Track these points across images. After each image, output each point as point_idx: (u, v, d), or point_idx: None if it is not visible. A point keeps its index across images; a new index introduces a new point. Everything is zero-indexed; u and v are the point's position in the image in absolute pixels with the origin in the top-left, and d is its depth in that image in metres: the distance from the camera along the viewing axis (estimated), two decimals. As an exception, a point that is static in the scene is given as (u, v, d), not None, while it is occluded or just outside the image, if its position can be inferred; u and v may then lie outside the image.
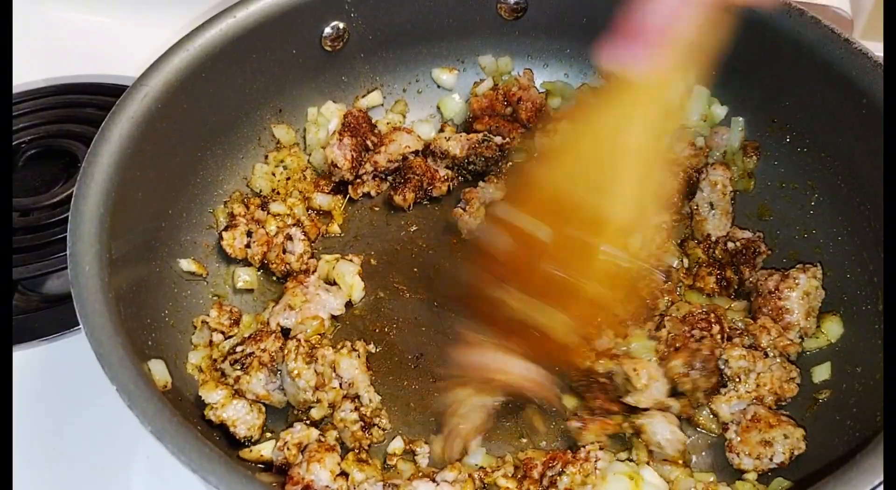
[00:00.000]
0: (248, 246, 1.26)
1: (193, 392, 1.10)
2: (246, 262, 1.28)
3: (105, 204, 1.03)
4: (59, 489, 1.16)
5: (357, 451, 1.08)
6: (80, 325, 0.93)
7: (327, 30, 1.31)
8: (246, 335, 1.17)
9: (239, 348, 1.14)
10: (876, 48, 1.09)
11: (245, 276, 1.27)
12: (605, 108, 0.98)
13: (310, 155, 1.39)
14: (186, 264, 1.21)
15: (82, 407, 1.22)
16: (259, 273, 1.29)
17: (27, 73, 1.61)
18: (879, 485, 0.82)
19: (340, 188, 1.37)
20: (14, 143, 1.48)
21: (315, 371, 1.10)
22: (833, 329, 1.18)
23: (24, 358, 1.26)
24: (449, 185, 1.37)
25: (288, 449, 1.05)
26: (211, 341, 1.17)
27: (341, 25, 1.32)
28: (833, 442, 1.06)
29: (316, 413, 1.11)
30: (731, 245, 1.25)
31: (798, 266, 1.21)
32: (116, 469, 1.17)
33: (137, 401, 0.87)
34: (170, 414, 0.87)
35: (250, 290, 1.27)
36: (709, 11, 0.78)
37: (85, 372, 1.23)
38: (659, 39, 0.79)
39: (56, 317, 1.29)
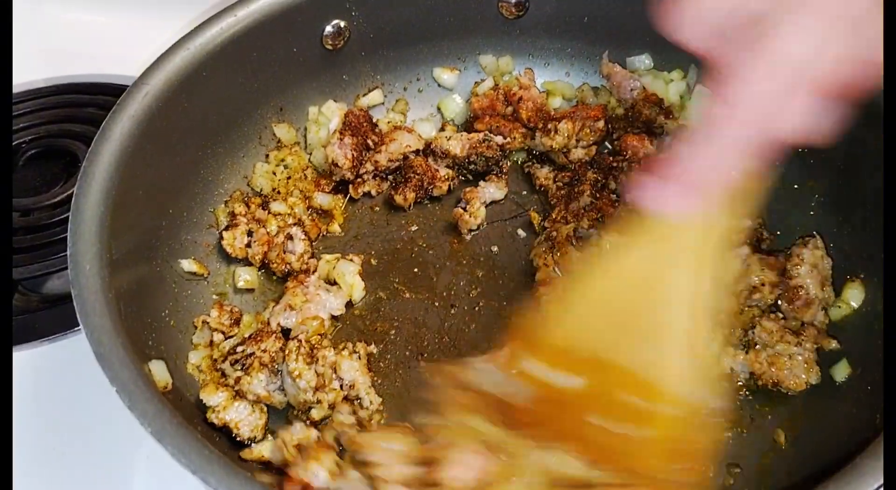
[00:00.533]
0: (248, 245, 1.26)
1: (194, 393, 1.09)
2: (246, 262, 1.27)
3: (105, 203, 1.02)
4: (59, 489, 1.16)
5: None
6: (81, 325, 0.93)
7: (328, 28, 1.31)
8: (246, 335, 1.17)
9: (239, 348, 1.13)
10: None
11: (246, 276, 1.26)
12: (641, 248, 0.85)
13: (310, 154, 1.39)
14: (188, 264, 1.21)
15: (82, 407, 1.22)
16: (260, 273, 1.28)
17: (27, 73, 1.61)
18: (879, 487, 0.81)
19: (341, 187, 1.37)
20: (14, 143, 1.48)
21: (315, 372, 1.10)
22: (855, 295, 1.17)
23: (25, 358, 1.26)
24: (449, 185, 1.37)
25: (287, 449, 1.05)
26: (211, 341, 1.16)
27: (342, 24, 1.32)
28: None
29: (316, 414, 1.11)
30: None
31: (797, 242, 1.20)
32: (116, 469, 1.17)
33: (138, 402, 0.87)
34: (170, 415, 0.87)
35: (251, 290, 1.27)
36: (759, 157, 0.71)
37: (85, 372, 1.22)
38: (705, 186, 0.71)
39: (56, 317, 1.29)
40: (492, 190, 1.33)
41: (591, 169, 1.34)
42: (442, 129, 1.45)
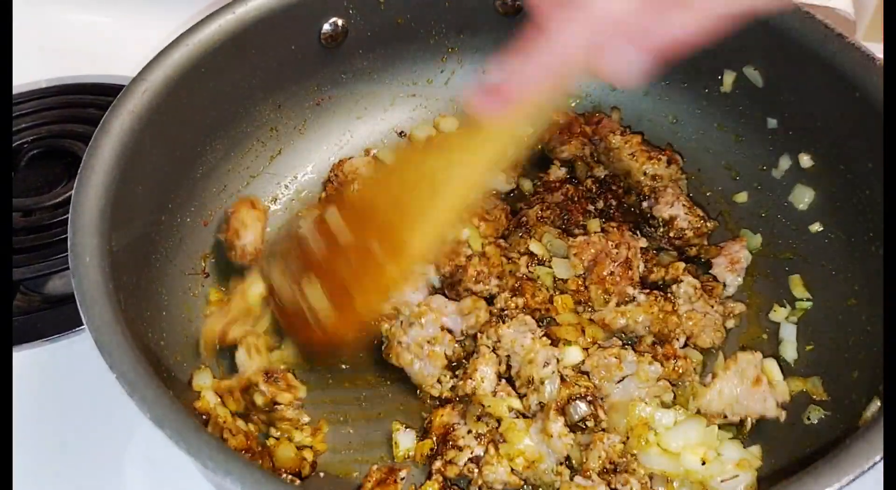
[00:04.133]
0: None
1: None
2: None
3: (106, 196, 1.03)
4: (59, 489, 1.16)
5: None
6: (81, 315, 0.93)
7: (326, 26, 1.32)
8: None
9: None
10: (878, 49, 1.09)
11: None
12: (449, 143, 1.06)
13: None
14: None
15: (83, 407, 1.22)
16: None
17: (29, 74, 1.62)
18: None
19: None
20: (16, 144, 1.49)
21: None
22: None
23: (26, 358, 1.26)
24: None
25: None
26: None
27: (340, 22, 1.32)
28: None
29: None
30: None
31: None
32: (116, 469, 1.17)
33: (137, 388, 0.87)
34: (169, 401, 0.87)
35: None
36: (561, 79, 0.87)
37: (86, 372, 1.24)
38: (516, 99, 0.88)
39: (58, 317, 1.29)
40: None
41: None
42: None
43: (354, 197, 1.15)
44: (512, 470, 1.07)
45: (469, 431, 1.10)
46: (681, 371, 1.15)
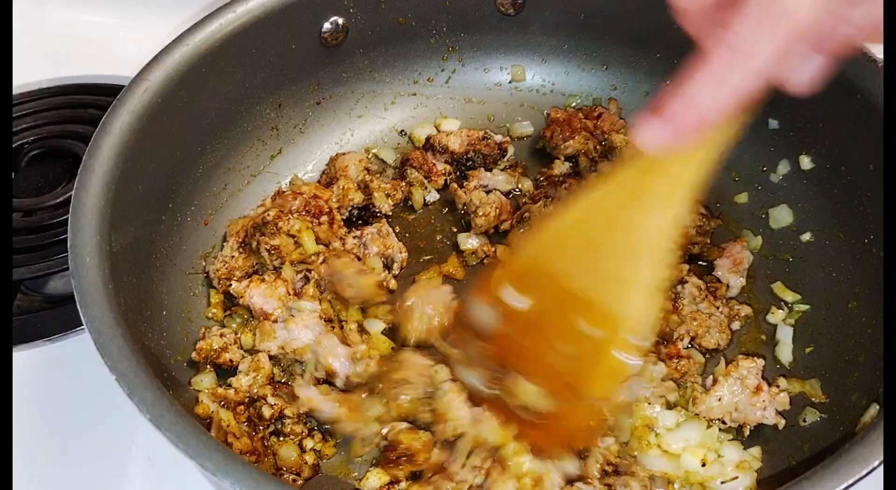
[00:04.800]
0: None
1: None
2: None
3: (106, 196, 1.03)
4: (59, 489, 1.16)
5: None
6: (81, 315, 0.93)
7: (326, 25, 1.31)
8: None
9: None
10: (879, 50, 1.09)
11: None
12: (620, 184, 0.90)
13: None
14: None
15: (84, 407, 1.22)
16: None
17: (29, 74, 1.62)
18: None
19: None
20: (17, 144, 1.49)
21: None
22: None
23: (26, 358, 1.26)
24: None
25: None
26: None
27: (340, 21, 1.32)
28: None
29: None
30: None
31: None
32: (117, 470, 1.17)
33: (137, 389, 0.87)
34: (168, 402, 0.87)
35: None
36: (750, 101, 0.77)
37: (86, 373, 1.24)
38: (697, 126, 0.77)
39: (58, 317, 1.30)
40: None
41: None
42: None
43: (523, 267, 0.99)
44: None
45: (463, 466, 1.05)
46: (684, 370, 1.15)
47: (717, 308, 1.22)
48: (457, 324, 1.10)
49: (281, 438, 1.11)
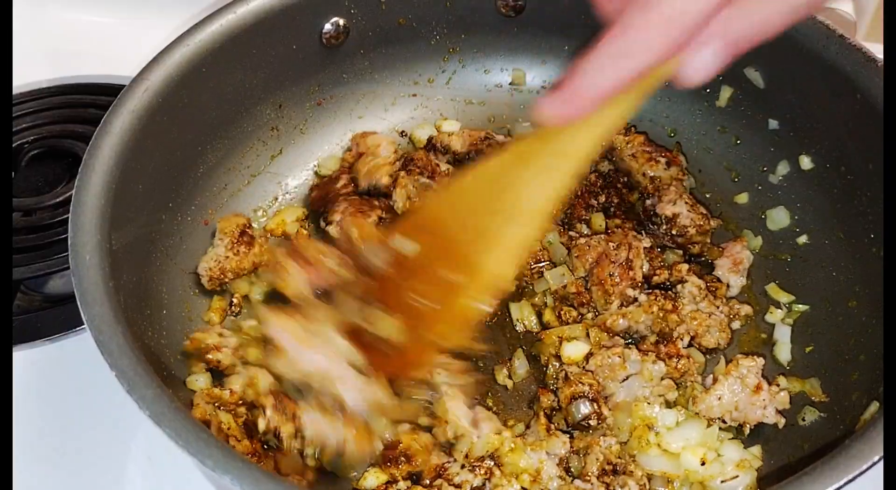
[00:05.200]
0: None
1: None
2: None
3: (106, 195, 1.03)
4: (59, 489, 1.15)
5: None
6: (81, 313, 0.93)
7: (327, 26, 1.32)
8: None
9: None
10: (879, 50, 1.09)
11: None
12: (515, 152, 0.99)
13: None
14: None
15: (84, 407, 1.22)
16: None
17: (30, 74, 1.62)
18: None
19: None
20: (17, 144, 1.49)
21: None
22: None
23: (27, 358, 1.26)
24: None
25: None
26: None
27: (341, 22, 1.33)
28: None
29: None
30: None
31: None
32: (117, 469, 1.17)
33: (137, 386, 0.87)
34: (168, 400, 0.87)
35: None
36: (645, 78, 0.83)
37: (86, 372, 1.24)
38: (591, 104, 0.83)
39: (58, 317, 1.30)
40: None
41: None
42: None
43: (418, 219, 1.10)
44: (522, 488, 1.06)
45: (462, 466, 1.07)
46: (683, 370, 1.15)
47: (717, 307, 1.22)
48: (353, 260, 1.16)
49: (277, 449, 1.09)
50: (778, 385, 1.14)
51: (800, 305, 1.24)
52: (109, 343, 0.90)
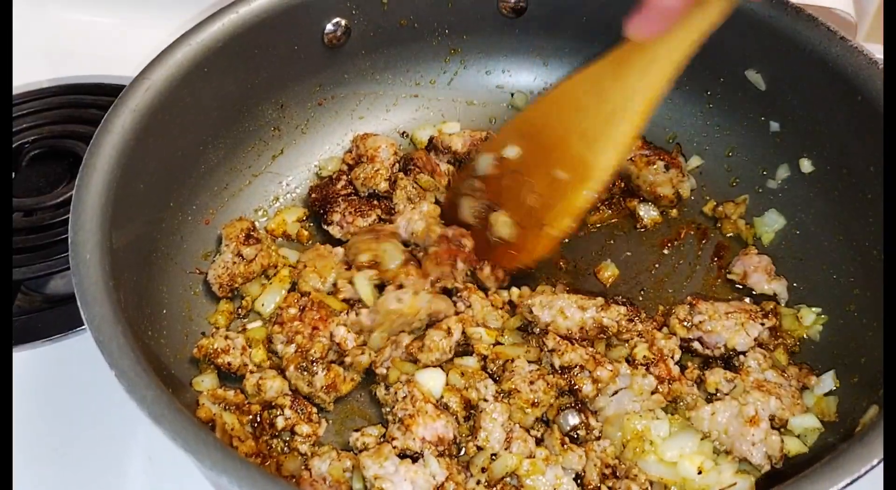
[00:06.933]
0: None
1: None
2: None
3: (107, 194, 1.03)
4: (59, 489, 1.15)
5: None
6: (81, 312, 0.93)
7: (329, 26, 1.32)
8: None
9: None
10: (879, 51, 1.10)
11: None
12: (609, 61, 1.12)
13: None
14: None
15: (84, 407, 1.22)
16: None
17: (30, 74, 1.62)
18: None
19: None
20: (17, 144, 1.49)
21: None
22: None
23: (27, 358, 1.26)
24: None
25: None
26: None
27: (343, 22, 1.33)
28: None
29: None
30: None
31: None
32: (117, 469, 1.17)
33: (136, 386, 0.87)
34: (167, 400, 0.87)
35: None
36: None
37: (86, 372, 1.24)
38: (675, 13, 0.98)
39: (59, 317, 1.30)
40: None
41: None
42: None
43: (527, 128, 1.24)
44: None
45: (478, 482, 1.05)
46: (676, 393, 1.12)
47: (784, 376, 1.14)
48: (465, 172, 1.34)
49: (285, 451, 1.10)
50: (779, 431, 1.09)
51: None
52: (109, 343, 0.90)
